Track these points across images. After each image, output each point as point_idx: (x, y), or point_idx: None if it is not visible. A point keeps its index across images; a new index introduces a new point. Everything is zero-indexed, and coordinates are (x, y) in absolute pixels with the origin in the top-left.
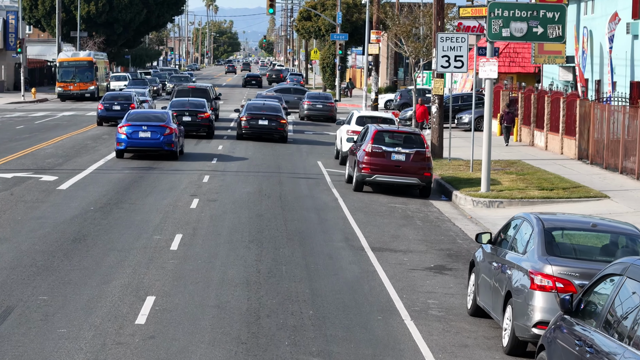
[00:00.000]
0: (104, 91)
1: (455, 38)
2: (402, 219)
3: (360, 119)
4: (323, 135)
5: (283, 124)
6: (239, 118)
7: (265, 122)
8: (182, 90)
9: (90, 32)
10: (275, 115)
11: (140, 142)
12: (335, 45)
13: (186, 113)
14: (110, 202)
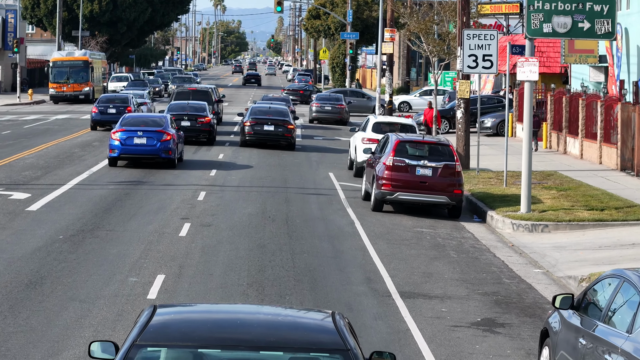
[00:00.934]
0: (101, 93)
1: (483, 35)
2: (432, 249)
3: (377, 125)
4: (334, 141)
5: (290, 130)
6: (242, 123)
7: (271, 127)
8: (181, 92)
9: (93, 32)
10: (282, 120)
11: (135, 149)
12: (345, 45)
13: (185, 117)
14: (85, 229)
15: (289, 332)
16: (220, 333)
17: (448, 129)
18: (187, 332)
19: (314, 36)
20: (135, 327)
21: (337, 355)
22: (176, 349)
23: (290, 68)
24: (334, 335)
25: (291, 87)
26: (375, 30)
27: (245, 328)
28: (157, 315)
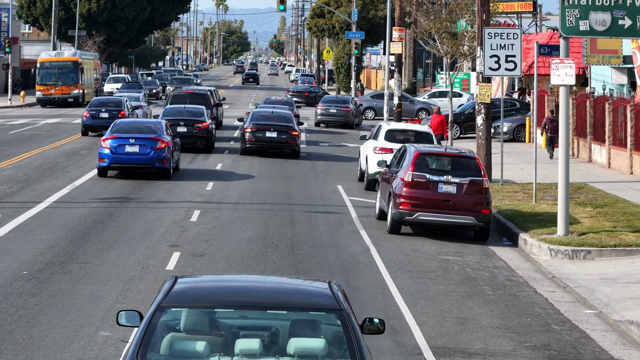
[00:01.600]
0: (93, 95)
1: (506, 34)
2: (463, 284)
3: (389, 133)
4: (341, 147)
5: (295, 137)
6: (243, 129)
7: (273, 134)
8: (178, 95)
9: (91, 31)
10: (286, 127)
11: (127, 158)
12: (350, 44)
13: (181, 123)
14: (55, 261)
15: (291, 295)
16: (233, 296)
17: (459, 134)
18: (204, 296)
19: (318, 35)
20: (160, 293)
21: (332, 314)
22: (195, 309)
23: (292, 69)
24: (329, 299)
25: (295, 88)
26: (381, 29)
27: (254, 292)
28: (179, 284)
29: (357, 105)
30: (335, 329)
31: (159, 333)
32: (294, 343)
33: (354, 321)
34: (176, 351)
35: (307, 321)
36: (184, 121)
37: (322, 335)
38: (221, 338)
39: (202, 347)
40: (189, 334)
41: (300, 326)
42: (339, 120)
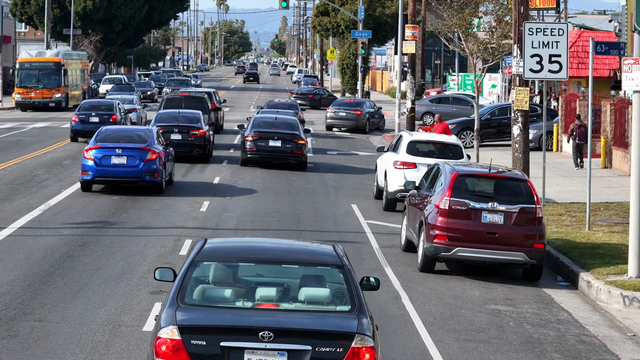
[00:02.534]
0: (79, 99)
1: (550, 30)
2: (525, 349)
3: (412, 145)
4: (351, 156)
5: (301, 146)
6: (243, 137)
7: (277, 143)
8: (172, 99)
9: (86, 30)
10: (291, 135)
11: (113, 171)
12: (357, 44)
13: (175, 129)
14: (2, 317)
15: (302, 253)
16: (254, 253)
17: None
18: (230, 252)
19: (322, 35)
20: (193, 251)
21: (335, 269)
22: (223, 263)
23: (295, 69)
24: (334, 257)
25: (299, 90)
26: (388, 28)
27: (271, 251)
28: (208, 244)
29: (377, 108)
30: (338, 282)
31: (193, 283)
32: (304, 292)
33: (354, 275)
34: (207, 297)
35: (314, 275)
36: (179, 128)
37: (327, 286)
38: (244, 288)
39: (229, 293)
40: (216, 285)
41: (308, 279)
42: (348, 124)
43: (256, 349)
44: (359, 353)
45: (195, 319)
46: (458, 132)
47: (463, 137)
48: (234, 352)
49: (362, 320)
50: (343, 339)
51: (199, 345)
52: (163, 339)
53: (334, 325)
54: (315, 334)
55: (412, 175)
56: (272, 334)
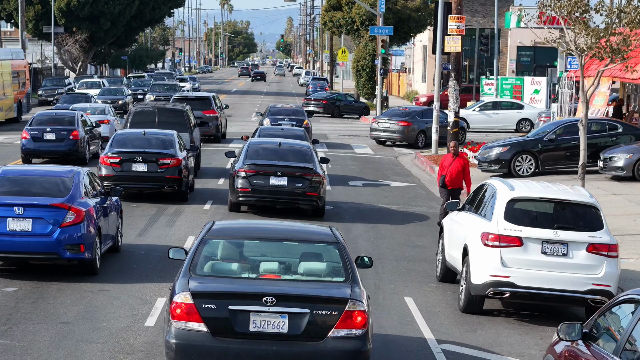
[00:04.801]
0: (11, 111)
1: None
2: None
3: (513, 206)
4: (381, 188)
5: (317, 185)
6: (233, 171)
7: (282, 180)
8: (142, 112)
9: (70, 28)
10: (303, 169)
11: (9, 242)
12: (374, 42)
13: (138, 158)
14: None
15: (302, 232)
16: (258, 232)
17: (533, 169)
18: (236, 230)
19: (334, 32)
20: (203, 231)
21: (331, 246)
22: (230, 240)
23: (302, 71)
24: (330, 236)
25: (316, 96)
26: (412, 24)
27: (273, 230)
28: (216, 225)
29: None
30: (334, 257)
31: (203, 258)
32: (303, 265)
33: (348, 252)
34: (216, 270)
35: (312, 252)
36: (143, 155)
37: (324, 261)
38: (248, 263)
39: (236, 267)
40: (224, 260)
41: (307, 255)
42: (392, 137)
43: (260, 311)
44: (352, 315)
45: (206, 286)
46: (512, 157)
47: (519, 163)
48: (241, 314)
49: (354, 288)
50: (337, 303)
51: (209, 309)
52: (178, 303)
53: (329, 291)
54: (313, 298)
55: (514, 257)
56: (274, 298)
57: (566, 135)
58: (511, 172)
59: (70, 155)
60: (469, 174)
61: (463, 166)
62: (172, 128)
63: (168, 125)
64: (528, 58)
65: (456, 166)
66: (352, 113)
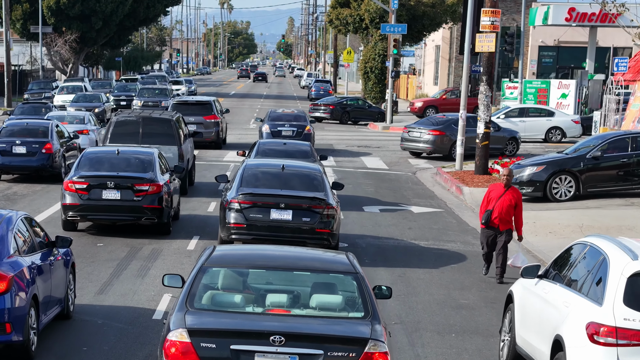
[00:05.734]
0: None
1: None
2: None
3: (635, 283)
4: (402, 215)
5: (329, 220)
6: (224, 202)
7: (286, 214)
8: (124, 122)
9: (60, 27)
10: (312, 200)
11: None
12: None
13: (110, 183)
14: None
15: (314, 261)
16: (264, 259)
17: (573, 192)
18: (240, 258)
19: (341, 30)
20: (202, 257)
21: (349, 276)
22: (232, 268)
23: (303, 72)
24: (347, 265)
25: (324, 101)
26: (426, 22)
27: (281, 257)
28: (217, 251)
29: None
30: (351, 289)
31: (202, 288)
32: (315, 298)
33: (367, 283)
34: (217, 302)
35: (326, 281)
36: (116, 181)
37: (340, 293)
38: (253, 295)
39: (239, 299)
40: (225, 291)
41: (320, 286)
42: (422, 148)
43: (267, 352)
44: (372, 358)
45: (205, 322)
46: (549, 178)
47: (556, 185)
48: (244, 355)
49: (375, 326)
50: (356, 344)
51: (208, 348)
52: (172, 342)
53: (346, 330)
54: (327, 338)
55: None
56: (283, 338)
57: (614, 152)
58: (547, 195)
59: (43, 171)
60: (522, 213)
61: (516, 201)
62: (159, 140)
63: (154, 137)
64: (550, 59)
65: (507, 200)
66: (365, 119)
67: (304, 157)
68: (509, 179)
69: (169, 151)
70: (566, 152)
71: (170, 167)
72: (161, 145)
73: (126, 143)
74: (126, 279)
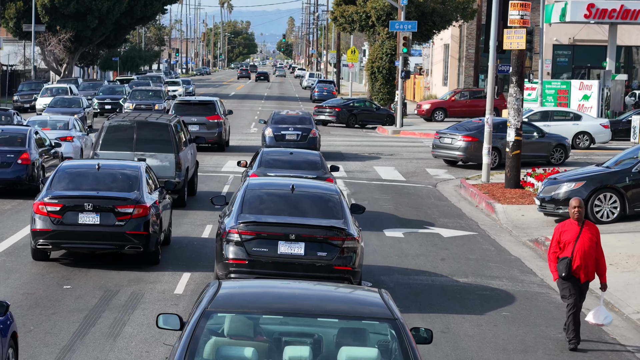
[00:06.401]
0: None
1: None
2: None
3: None
4: (430, 240)
5: (350, 253)
6: (222, 232)
7: (297, 247)
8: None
9: (54, 26)
10: (327, 230)
11: None
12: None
13: (88, 205)
14: None
15: (342, 303)
16: (281, 302)
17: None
18: (251, 301)
19: (346, 28)
20: (205, 298)
21: (385, 323)
22: (242, 315)
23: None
24: (382, 307)
25: (329, 103)
26: (436, 19)
27: (302, 299)
28: (223, 288)
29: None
30: (388, 339)
31: (204, 338)
32: (345, 352)
33: (408, 331)
34: (223, 357)
35: (357, 330)
36: (94, 203)
37: (375, 345)
38: (267, 344)
39: (250, 353)
40: (233, 339)
41: (350, 335)
42: (453, 155)
43: None
44: None
45: None
46: (590, 196)
47: (599, 204)
48: None
49: None
50: None
51: None
52: None
53: None
54: None
55: None
56: None
57: None
58: (587, 216)
59: (19, 184)
60: (603, 253)
61: (597, 240)
62: (155, 147)
63: (149, 143)
64: (565, 58)
65: (587, 241)
66: (373, 122)
67: (313, 169)
68: (581, 211)
69: (166, 159)
70: (607, 165)
71: (161, 182)
72: (157, 152)
73: (119, 150)
74: (93, 342)
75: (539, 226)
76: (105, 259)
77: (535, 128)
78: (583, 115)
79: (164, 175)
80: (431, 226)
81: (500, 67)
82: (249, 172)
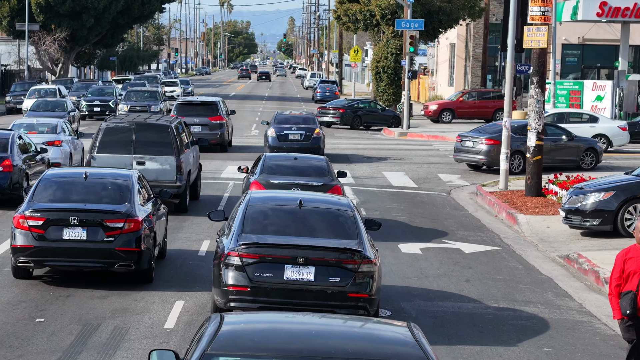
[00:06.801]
0: None
1: None
2: None
3: None
4: (456, 258)
5: (366, 278)
6: (220, 253)
7: (306, 272)
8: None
9: (49, 25)
10: (340, 252)
11: None
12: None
13: (73, 219)
14: None
15: (367, 343)
16: (295, 343)
17: None
18: (260, 342)
19: (350, 27)
20: (205, 337)
21: None
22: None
23: (306, 72)
24: (414, 347)
25: (333, 104)
26: (443, 17)
27: (320, 338)
28: (226, 324)
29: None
30: None
31: None
32: None
33: None
34: None
35: None
36: (82, 215)
37: None
38: None
39: None
40: None
41: None
42: (474, 159)
43: None
44: None
45: None
46: (620, 207)
47: (630, 216)
48: None
49: None
50: None
51: None
52: None
53: None
54: None
55: None
56: None
57: None
58: (617, 229)
59: (0, 194)
60: None
61: None
62: (155, 150)
63: (149, 146)
64: (575, 58)
65: None
66: (379, 124)
67: (319, 175)
68: None
69: (166, 162)
70: (637, 174)
71: (156, 191)
72: (157, 155)
73: (117, 153)
74: None
75: (566, 239)
76: (90, 280)
77: (564, 131)
78: (600, 117)
79: (165, 180)
80: (450, 240)
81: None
82: (251, 179)
